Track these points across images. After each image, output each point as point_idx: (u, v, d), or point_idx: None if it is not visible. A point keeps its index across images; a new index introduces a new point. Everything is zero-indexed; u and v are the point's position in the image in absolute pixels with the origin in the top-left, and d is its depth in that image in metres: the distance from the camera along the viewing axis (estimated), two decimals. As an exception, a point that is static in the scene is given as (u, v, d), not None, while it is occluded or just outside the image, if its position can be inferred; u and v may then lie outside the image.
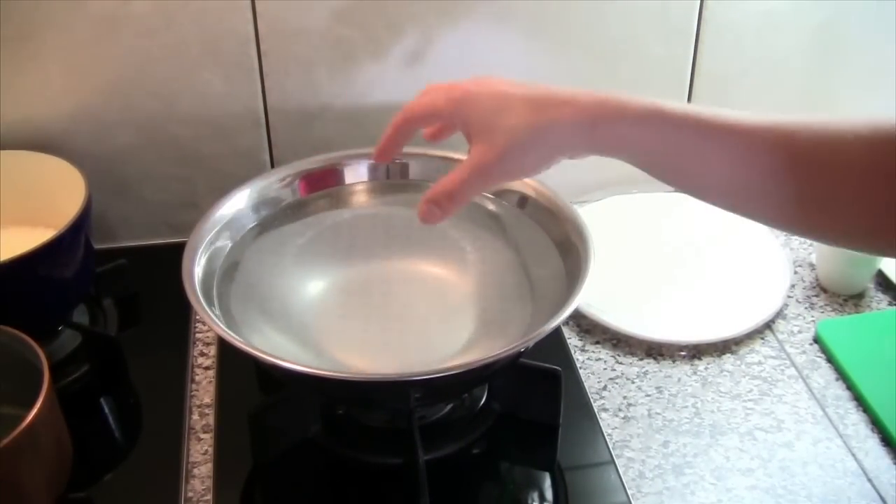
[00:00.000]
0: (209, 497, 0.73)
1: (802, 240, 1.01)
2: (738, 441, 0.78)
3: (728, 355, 0.87)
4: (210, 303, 0.73)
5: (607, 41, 0.97)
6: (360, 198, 0.89)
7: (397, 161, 0.88)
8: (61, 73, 0.90)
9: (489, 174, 0.62)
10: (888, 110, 1.07)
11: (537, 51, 0.96)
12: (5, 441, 0.61)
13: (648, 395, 0.83)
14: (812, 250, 0.99)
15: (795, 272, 0.97)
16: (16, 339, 0.70)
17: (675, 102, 0.59)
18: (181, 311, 0.88)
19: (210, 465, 0.76)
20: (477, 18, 0.93)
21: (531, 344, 0.68)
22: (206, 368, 0.85)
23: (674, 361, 0.86)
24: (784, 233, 1.03)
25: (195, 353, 0.87)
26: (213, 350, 0.87)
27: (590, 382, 0.84)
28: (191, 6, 0.88)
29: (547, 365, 0.77)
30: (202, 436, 0.78)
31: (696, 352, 0.87)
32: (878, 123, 0.54)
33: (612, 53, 0.97)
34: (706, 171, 0.59)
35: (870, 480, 0.75)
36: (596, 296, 0.89)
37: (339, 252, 0.86)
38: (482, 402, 0.80)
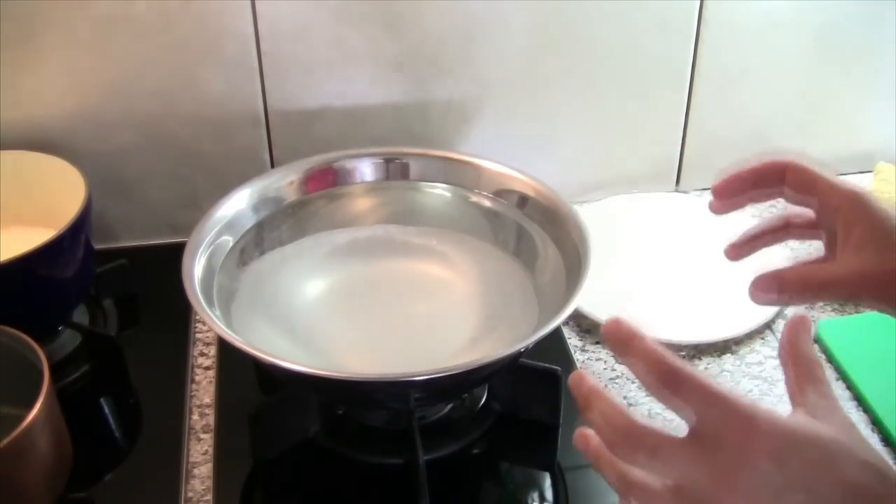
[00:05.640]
0: (209, 497, 0.73)
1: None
2: (738, 441, 0.78)
3: (728, 355, 0.87)
4: (210, 303, 0.73)
5: (607, 41, 0.97)
6: (361, 198, 0.89)
7: (398, 161, 0.89)
8: (61, 73, 0.90)
9: (875, 294, 0.54)
10: (887, 112, 1.07)
11: (538, 50, 0.96)
12: (5, 441, 0.61)
13: (649, 396, 0.82)
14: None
15: (795, 272, 0.97)
16: (16, 339, 0.70)
17: None
18: (181, 311, 0.88)
19: (210, 465, 0.76)
20: (477, 19, 0.93)
21: (531, 344, 0.68)
22: (206, 368, 0.85)
23: (674, 361, 0.86)
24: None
25: (195, 353, 0.87)
26: (213, 350, 0.87)
27: (590, 382, 0.84)
28: (191, 6, 0.88)
29: (547, 365, 0.77)
30: (202, 436, 0.78)
31: (696, 352, 0.87)
32: None
33: (612, 53, 0.97)
34: None
35: (870, 480, 0.75)
36: (596, 296, 0.88)
37: (340, 252, 0.86)
38: (482, 402, 0.80)
